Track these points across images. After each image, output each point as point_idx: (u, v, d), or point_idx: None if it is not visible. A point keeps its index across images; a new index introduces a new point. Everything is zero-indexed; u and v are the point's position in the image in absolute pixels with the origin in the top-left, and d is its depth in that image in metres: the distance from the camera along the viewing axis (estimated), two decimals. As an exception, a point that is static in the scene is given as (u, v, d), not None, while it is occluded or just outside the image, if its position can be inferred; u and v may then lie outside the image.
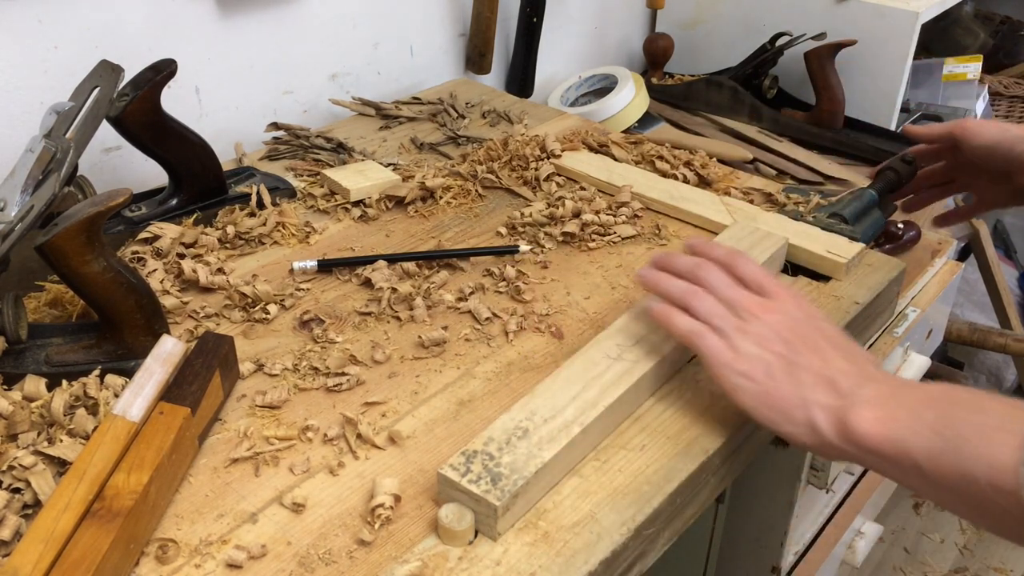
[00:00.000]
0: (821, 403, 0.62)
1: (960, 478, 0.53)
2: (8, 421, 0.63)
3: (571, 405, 0.66)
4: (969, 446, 0.53)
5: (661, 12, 1.67)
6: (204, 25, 1.07)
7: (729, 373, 0.65)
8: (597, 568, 0.58)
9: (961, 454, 0.53)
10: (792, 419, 0.62)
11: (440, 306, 0.82)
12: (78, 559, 0.52)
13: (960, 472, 0.53)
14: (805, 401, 0.62)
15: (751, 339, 0.66)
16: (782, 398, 0.63)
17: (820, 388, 0.62)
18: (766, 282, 0.70)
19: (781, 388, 0.63)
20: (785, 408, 0.63)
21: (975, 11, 2.14)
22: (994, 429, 0.53)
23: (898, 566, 1.84)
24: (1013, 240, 2.61)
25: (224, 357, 0.69)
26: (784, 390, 0.63)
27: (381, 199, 0.98)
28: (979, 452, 0.52)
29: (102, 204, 0.64)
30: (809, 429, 0.62)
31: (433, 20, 1.33)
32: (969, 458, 0.53)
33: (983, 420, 0.54)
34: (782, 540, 0.99)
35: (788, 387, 0.63)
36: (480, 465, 0.60)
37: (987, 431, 0.53)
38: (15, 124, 0.94)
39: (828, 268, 0.87)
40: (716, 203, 0.96)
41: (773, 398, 0.63)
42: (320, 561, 0.58)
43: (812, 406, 0.62)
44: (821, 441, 0.61)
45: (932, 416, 0.56)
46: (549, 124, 1.20)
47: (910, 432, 0.56)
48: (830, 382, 0.62)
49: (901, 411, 0.58)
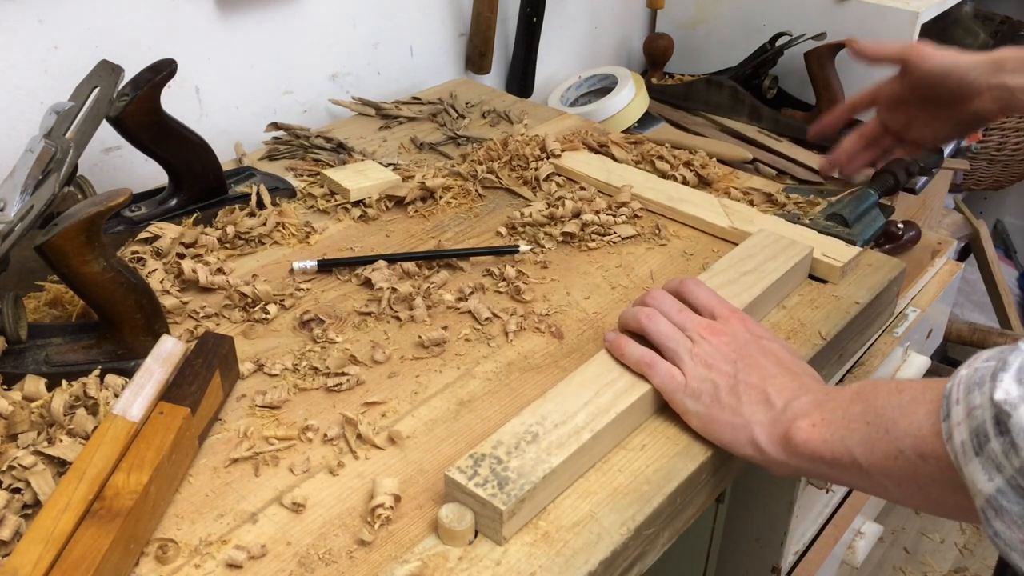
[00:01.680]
0: (760, 421, 0.64)
1: (893, 459, 0.56)
2: (8, 421, 0.63)
3: (583, 411, 0.66)
4: (895, 426, 0.56)
5: (661, 12, 1.67)
6: (204, 25, 1.07)
7: (681, 398, 0.68)
8: (597, 568, 0.58)
9: (890, 435, 0.56)
10: (737, 440, 0.65)
11: (440, 306, 0.82)
12: (78, 559, 0.52)
13: (891, 452, 0.56)
14: (747, 421, 0.65)
15: (700, 361, 0.68)
16: (726, 421, 0.66)
17: (759, 406, 0.65)
18: (716, 304, 0.73)
19: (726, 410, 0.66)
20: (730, 430, 0.65)
21: (975, 11, 2.14)
22: (912, 402, 0.55)
23: (898, 566, 1.84)
24: (1013, 240, 2.61)
25: (224, 357, 0.69)
26: (728, 412, 0.66)
27: (381, 199, 0.98)
28: (903, 428, 0.55)
29: (102, 204, 0.64)
30: (753, 448, 0.64)
31: (433, 20, 1.33)
32: (897, 436, 0.55)
33: (902, 399, 0.56)
34: (782, 540, 0.99)
35: (732, 408, 0.66)
36: (488, 469, 0.60)
37: (907, 407, 0.56)
38: (15, 124, 0.94)
39: (823, 272, 0.86)
40: (714, 205, 0.96)
41: (719, 421, 0.66)
42: (320, 561, 0.58)
43: (753, 425, 0.64)
44: (766, 458, 0.64)
45: (860, 409, 0.59)
46: (549, 124, 1.20)
47: (844, 430, 0.59)
48: (767, 400, 0.65)
49: (833, 413, 0.61)
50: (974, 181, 2.20)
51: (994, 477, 0.47)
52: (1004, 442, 0.46)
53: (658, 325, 0.71)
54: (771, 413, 0.64)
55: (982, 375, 0.49)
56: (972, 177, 2.18)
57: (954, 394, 0.51)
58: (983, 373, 0.50)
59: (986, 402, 0.48)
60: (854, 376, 0.98)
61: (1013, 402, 0.46)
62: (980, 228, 2.18)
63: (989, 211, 2.63)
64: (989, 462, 0.47)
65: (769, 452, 0.63)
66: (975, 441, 0.48)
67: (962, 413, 0.50)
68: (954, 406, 0.51)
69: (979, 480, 0.48)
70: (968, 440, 0.49)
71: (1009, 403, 0.46)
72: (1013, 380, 0.47)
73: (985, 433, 0.48)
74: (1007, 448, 0.46)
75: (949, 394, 0.52)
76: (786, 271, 0.82)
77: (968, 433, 0.49)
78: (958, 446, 0.50)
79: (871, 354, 1.00)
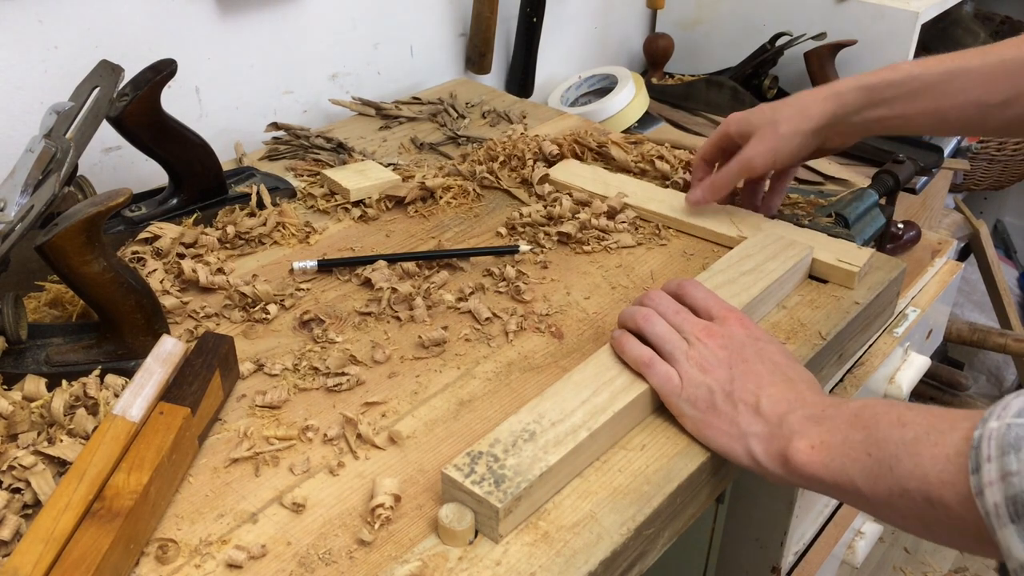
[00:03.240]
0: (756, 433, 0.64)
1: (898, 496, 0.55)
2: (8, 421, 0.63)
3: (580, 409, 0.66)
4: (899, 464, 0.55)
5: (661, 12, 1.67)
6: (204, 25, 1.07)
7: (676, 401, 0.68)
8: (597, 568, 0.58)
9: (894, 472, 0.55)
10: (732, 449, 0.65)
11: (440, 306, 0.82)
12: (78, 559, 0.52)
13: (897, 491, 0.55)
14: (743, 432, 0.64)
15: (696, 365, 0.68)
16: (722, 429, 0.65)
17: (754, 417, 0.64)
18: (714, 305, 0.72)
19: (722, 418, 0.65)
20: (727, 438, 0.65)
21: (975, 11, 2.14)
22: (916, 442, 0.55)
23: (898, 566, 1.84)
24: (1013, 240, 2.61)
25: (224, 357, 0.69)
26: (724, 420, 0.65)
27: (381, 199, 0.98)
28: (908, 468, 0.54)
29: (102, 204, 0.64)
30: (750, 460, 0.64)
31: (433, 20, 1.33)
32: (901, 476, 0.55)
33: (904, 434, 0.55)
34: (782, 540, 0.99)
35: (728, 417, 0.65)
36: (484, 466, 0.60)
37: (911, 446, 0.55)
38: (15, 124, 0.94)
39: (840, 277, 0.85)
40: (719, 213, 0.95)
41: (714, 428, 0.66)
42: (320, 561, 0.58)
43: (749, 437, 0.64)
44: (764, 471, 0.64)
45: (861, 438, 0.58)
46: (549, 124, 1.20)
47: (846, 459, 0.58)
48: (760, 411, 0.64)
49: (832, 436, 0.60)
50: (974, 181, 2.20)
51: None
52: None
53: (655, 326, 0.71)
54: (767, 427, 0.63)
55: (1017, 436, 0.48)
56: (972, 177, 2.18)
57: (985, 450, 0.49)
58: (1019, 434, 0.48)
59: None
60: (854, 376, 0.98)
61: None
62: (980, 228, 2.18)
63: (989, 211, 2.63)
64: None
65: (767, 467, 0.63)
66: (1011, 509, 0.47)
67: (995, 474, 0.48)
68: (984, 463, 0.49)
69: (1015, 547, 0.47)
70: (1003, 504, 0.48)
71: None
72: None
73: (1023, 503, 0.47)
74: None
75: (979, 446, 0.50)
76: (786, 271, 0.82)
77: (1003, 498, 0.48)
78: (991, 507, 0.48)
79: (871, 354, 1.00)
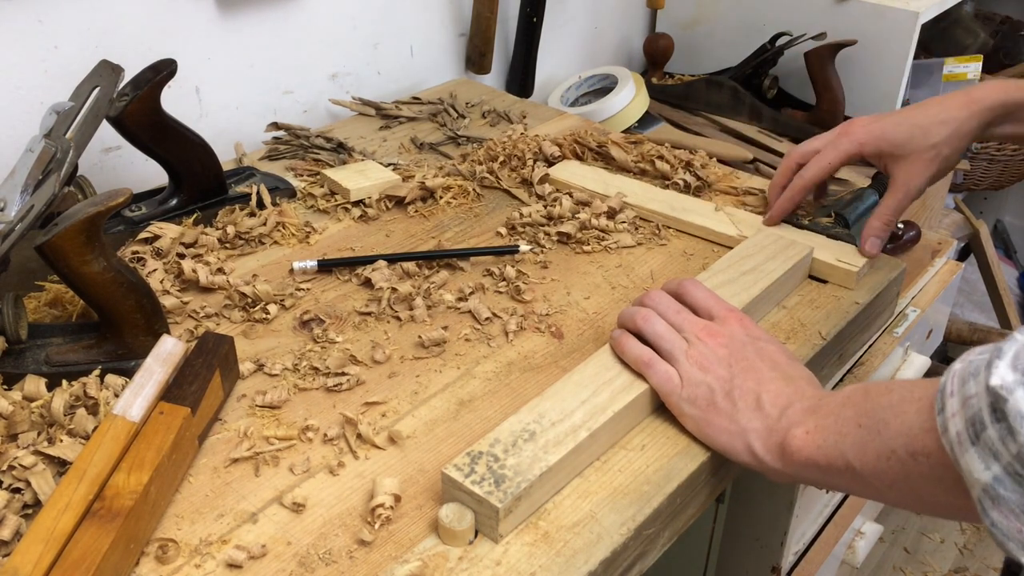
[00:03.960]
0: (756, 428, 0.64)
1: (885, 459, 0.56)
2: (8, 421, 0.63)
3: (580, 409, 0.66)
4: (886, 427, 0.56)
5: (661, 12, 1.67)
6: (204, 25, 1.07)
7: (677, 400, 0.68)
8: (597, 568, 0.58)
9: (881, 436, 0.56)
10: (733, 446, 0.65)
11: (440, 306, 0.82)
12: (78, 559, 0.52)
13: (883, 453, 0.56)
14: (743, 429, 0.65)
15: (696, 364, 0.68)
16: (722, 427, 0.66)
17: (754, 413, 0.65)
18: (713, 305, 0.73)
19: (722, 416, 0.66)
20: (726, 436, 0.65)
21: (975, 11, 2.14)
22: (902, 402, 0.56)
23: (898, 566, 1.84)
24: (1013, 240, 2.61)
25: (224, 357, 0.69)
26: (724, 418, 0.66)
27: (381, 199, 0.98)
28: (894, 428, 0.55)
29: (102, 204, 0.64)
30: (750, 455, 0.64)
31: (433, 20, 1.33)
32: (888, 437, 0.55)
33: (891, 398, 0.56)
34: (782, 540, 0.99)
35: (728, 414, 0.66)
36: (484, 466, 0.60)
37: (897, 406, 0.56)
38: (15, 124, 0.94)
39: (840, 277, 0.85)
40: (718, 213, 0.95)
41: (714, 426, 0.66)
42: (320, 561, 0.58)
43: (749, 433, 0.64)
44: (763, 466, 0.64)
45: (851, 412, 0.59)
46: (549, 124, 1.20)
47: (837, 434, 0.59)
48: (761, 407, 0.65)
49: (826, 418, 0.61)
50: (974, 181, 2.20)
51: (991, 465, 0.47)
52: (1001, 428, 0.46)
53: (654, 326, 0.71)
54: (766, 422, 0.64)
55: (976, 366, 0.49)
56: (972, 177, 2.18)
57: (948, 387, 0.51)
58: (977, 364, 0.49)
59: (981, 390, 0.47)
60: (854, 376, 0.98)
61: (1009, 387, 0.46)
62: (980, 228, 2.18)
63: (989, 211, 2.63)
64: (986, 450, 0.47)
65: (766, 460, 0.63)
66: (971, 431, 0.48)
67: (957, 404, 0.49)
68: (948, 399, 0.50)
69: (976, 469, 0.47)
70: (964, 430, 0.48)
71: (1005, 388, 0.46)
72: (1008, 367, 0.46)
73: (981, 421, 0.47)
74: (1004, 434, 0.46)
75: (943, 388, 0.51)
76: (786, 271, 0.82)
77: (964, 423, 0.48)
78: (953, 437, 0.49)
79: (871, 354, 1.00)
